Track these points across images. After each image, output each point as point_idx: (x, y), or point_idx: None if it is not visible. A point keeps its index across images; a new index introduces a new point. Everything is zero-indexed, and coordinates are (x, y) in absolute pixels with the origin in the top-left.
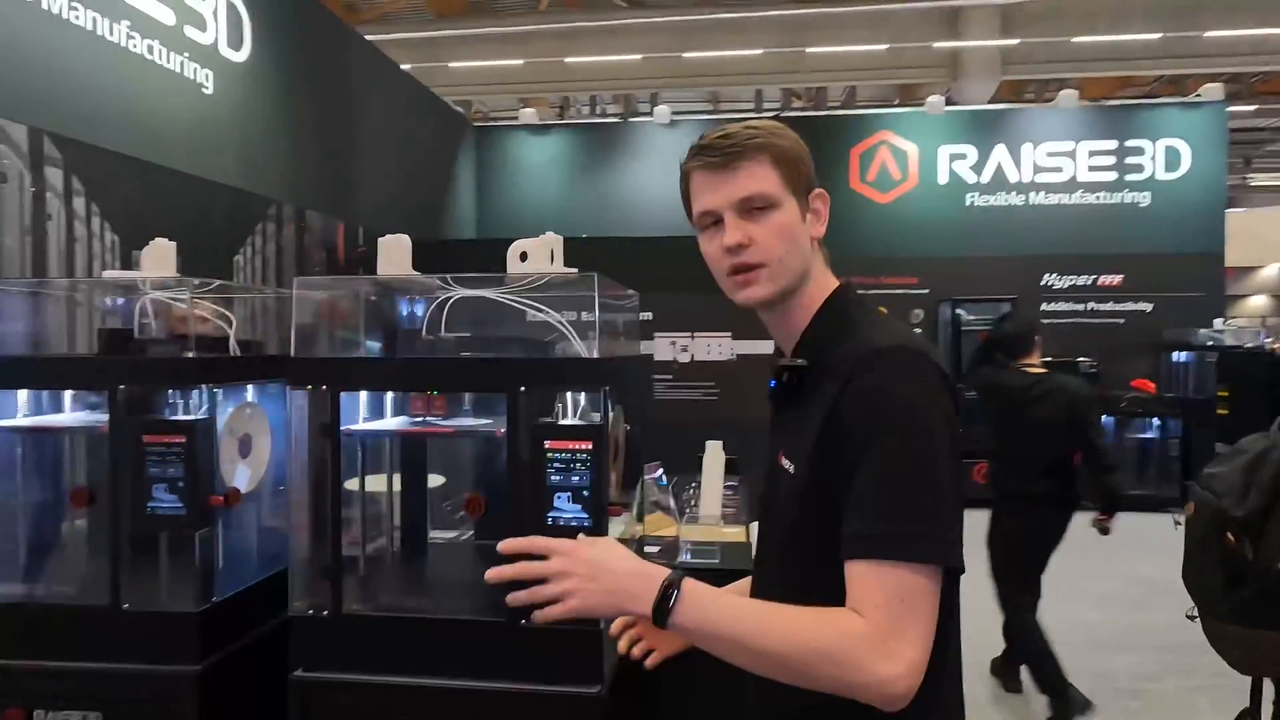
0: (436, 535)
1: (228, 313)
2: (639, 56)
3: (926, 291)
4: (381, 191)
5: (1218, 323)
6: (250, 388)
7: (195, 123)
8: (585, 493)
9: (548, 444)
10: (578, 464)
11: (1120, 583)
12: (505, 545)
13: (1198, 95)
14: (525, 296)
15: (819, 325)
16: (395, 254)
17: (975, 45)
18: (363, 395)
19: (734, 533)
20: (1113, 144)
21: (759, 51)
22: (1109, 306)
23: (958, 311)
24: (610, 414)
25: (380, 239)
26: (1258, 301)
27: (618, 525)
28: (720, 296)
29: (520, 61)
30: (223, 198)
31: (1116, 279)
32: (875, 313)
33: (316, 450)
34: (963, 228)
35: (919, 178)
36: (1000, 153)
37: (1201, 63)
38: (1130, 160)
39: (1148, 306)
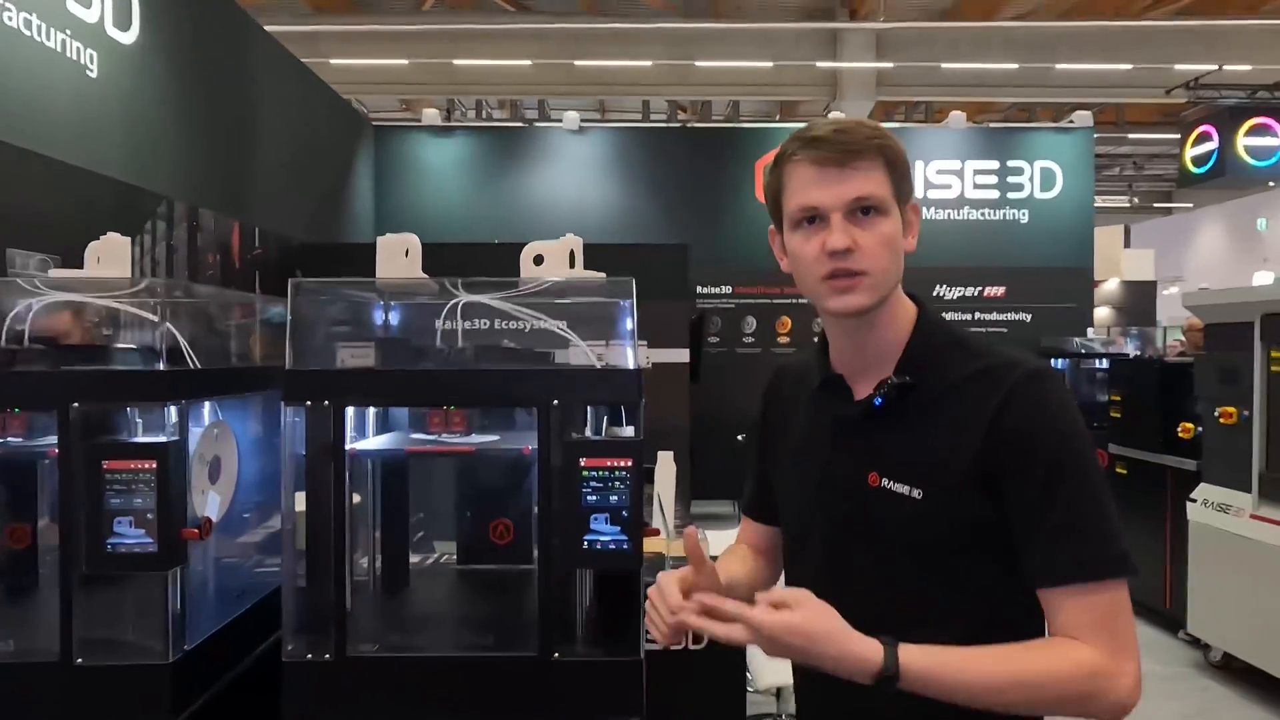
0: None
1: (149, 315)
2: (529, 62)
3: None
4: (278, 190)
5: (1090, 332)
6: (207, 404)
7: (78, 108)
8: (624, 513)
9: (584, 461)
10: (616, 482)
11: None
12: (701, 602)
13: (1070, 121)
14: (545, 301)
15: (925, 341)
16: (400, 255)
17: (853, 67)
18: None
19: (719, 546)
20: (995, 164)
21: (649, 63)
22: (994, 316)
23: None
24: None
25: (380, 237)
26: (1102, 313)
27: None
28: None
29: (405, 61)
30: (108, 191)
31: (1000, 290)
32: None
33: (317, 474)
34: None
35: None
36: None
37: (1053, 93)
38: (1011, 179)
39: (1027, 317)
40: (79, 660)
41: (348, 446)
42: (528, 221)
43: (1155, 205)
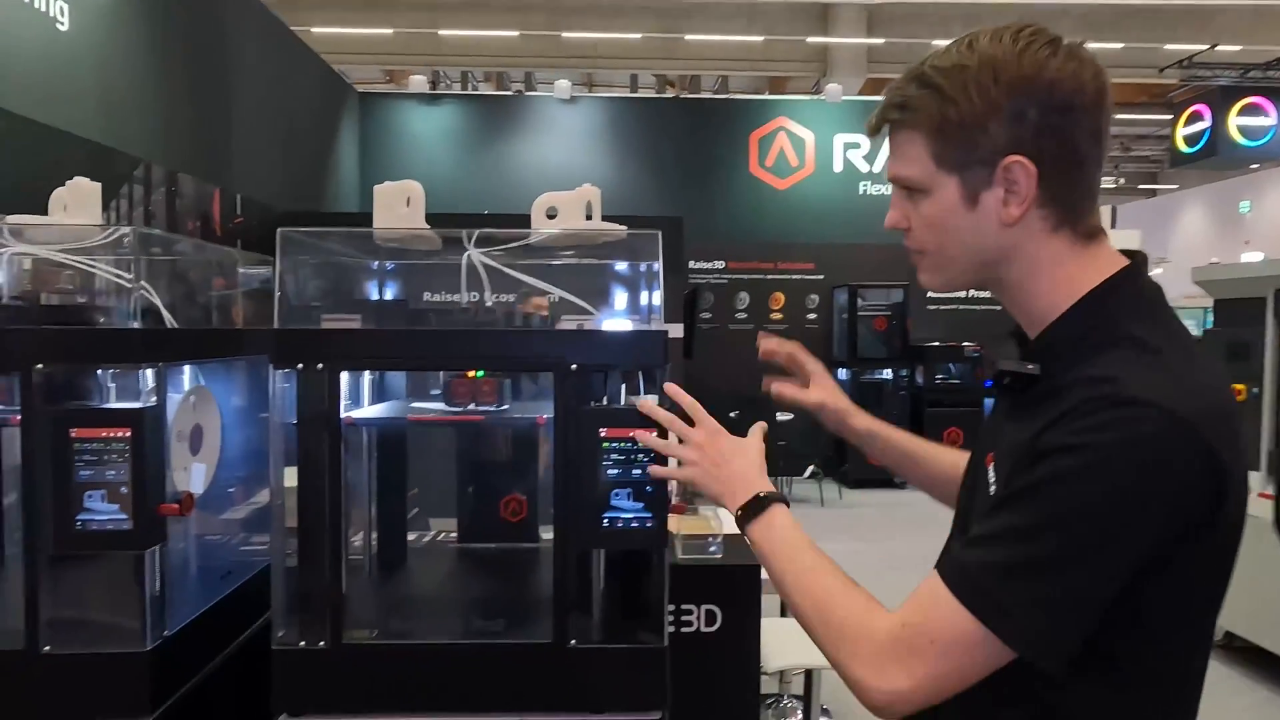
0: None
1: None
2: (516, 33)
3: (822, 277)
4: (259, 157)
5: None
6: (188, 368)
7: (48, 63)
8: (648, 488)
9: (604, 432)
10: (640, 455)
11: None
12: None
13: None
14: (559, 256)
15: (1066, 329)
16: (400, 204)
17: (844, 42)
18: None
19: (730, 524)
20: None
21: (637, 36)
22: (986, 294)
23: (854, 298)
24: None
25: (378, 186)
26: None
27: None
28: None
29: (389, 31)
30: (79, 152)
31: None
32: (1165, 323)
33: (310, 445)
34: (856, 215)
35: (815, 165)
36: None
37: None
38: None
39: None
40: (46, 648)
41: (343, 415)
42: (517, 192)
43: (1140, 187)
